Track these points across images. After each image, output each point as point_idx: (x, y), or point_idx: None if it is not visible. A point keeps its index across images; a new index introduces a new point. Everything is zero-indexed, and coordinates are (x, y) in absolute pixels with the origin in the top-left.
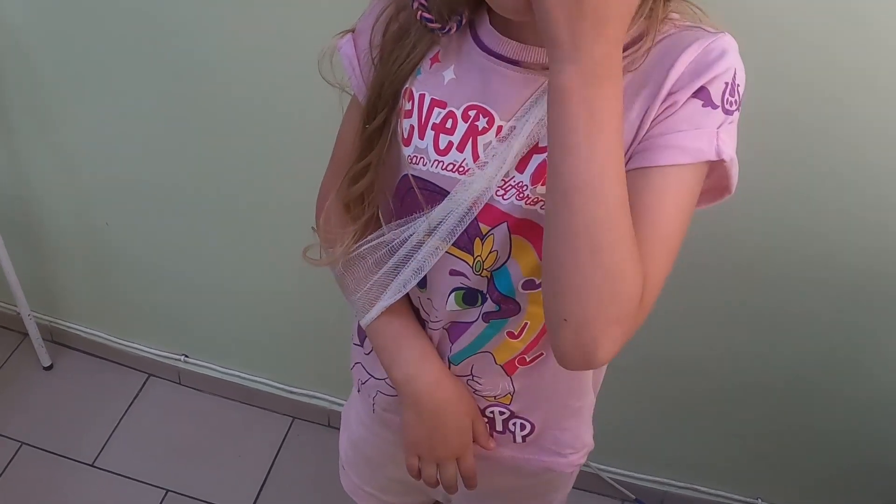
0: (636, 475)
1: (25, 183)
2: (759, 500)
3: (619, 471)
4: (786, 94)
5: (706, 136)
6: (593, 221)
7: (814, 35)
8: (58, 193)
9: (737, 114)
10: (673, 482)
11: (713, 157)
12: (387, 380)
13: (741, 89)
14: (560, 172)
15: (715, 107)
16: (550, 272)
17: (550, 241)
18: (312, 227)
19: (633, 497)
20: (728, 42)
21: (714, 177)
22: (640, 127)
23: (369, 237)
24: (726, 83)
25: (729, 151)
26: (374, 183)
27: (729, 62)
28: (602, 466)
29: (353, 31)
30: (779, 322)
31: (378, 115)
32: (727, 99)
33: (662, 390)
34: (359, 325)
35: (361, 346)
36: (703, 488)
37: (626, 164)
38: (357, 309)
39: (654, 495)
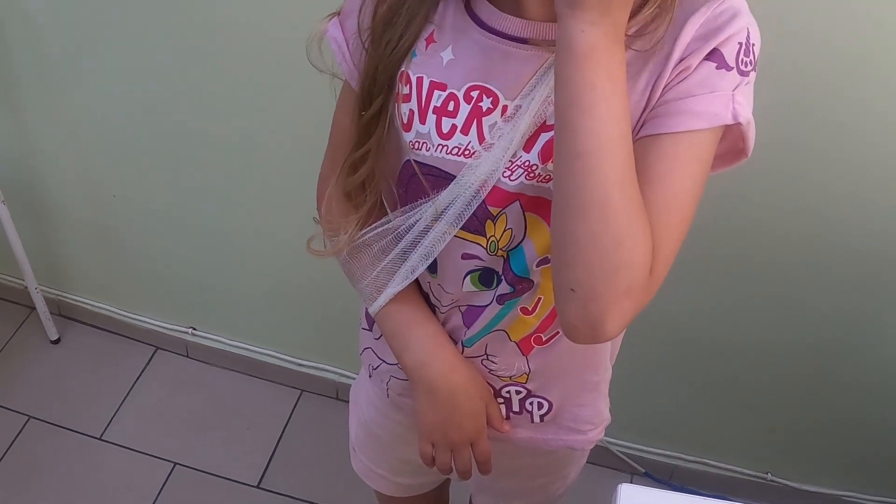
0: (646, 448)
1: (33, 156)
2: (769, 475)
3: (628, 444)
4: (803, 56)
5: (721, 99)
6: (605, 184)
7: None
8: (65, 166)
9: (753, 74)
10: (682, 456)
11: (729, 121)
12: (398, 365)
13: (756, 49)
14: (575, 134)
15: (729, 68)
16: (559, 241)
17: (560, 209)
18: (314, 218)
19: (643, 470)
20: (738, 2)
21: (730, 139)
22: (650, 96)
23: (374, 224)
24: (740, 43)
25: (745, 114)
26: (375, 170)
27: (741, 22)
28: (611, 440)
29: (338, 13)
30: (794, 296)
31: (374, 101)
32: (742, 59)
33: (673, 363)
34: (367, 310)
35: (370, 330)
36: (712, 462)
37: (638, 132)
38: (365, 296)
39: (664, 469)
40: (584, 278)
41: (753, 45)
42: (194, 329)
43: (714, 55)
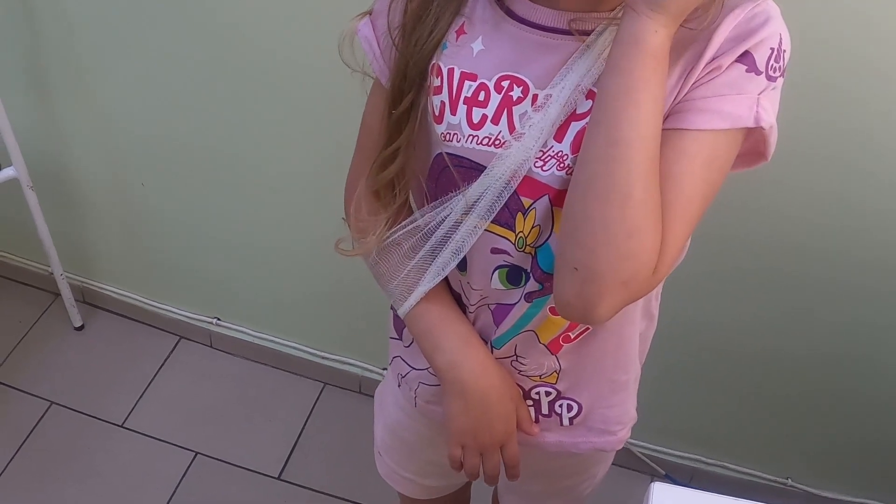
0: (666, 450)
1: (62, 142)
2: (790, 481)
3: (649, 445)
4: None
5: (747, 101)
6: (632, 175)
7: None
8: (94, 153)
9: (780, 80)
10: (703, 458)
11: (751, 124)
12: (428, 369)
13: (787, 55)
14: (618, 123)
15: (759, 73)
16: (572, 221)
17: (581, 190)
18: (342, 218)
19: (663, 472)
20: (772, 7)
21: (752, 142)
22: (680, 89)
23: (403, 222)
24: (772, 49)
25: (768, 119)
26: (405, 167)
27: (774, 27)
28: (633, 441)
29: (370, 12)
30: (818, 297)
31: (405, 98)
32: (772, 65)
33: (696, 368)
34: (395, 318)
35: (400, 339)
36: (733, 466)
37: (662, 123)
38: (395, 298)
39: (684, 471)
40: (591, 260)
41: (784, 51)
42: (218, 319)
43: (745, 58)
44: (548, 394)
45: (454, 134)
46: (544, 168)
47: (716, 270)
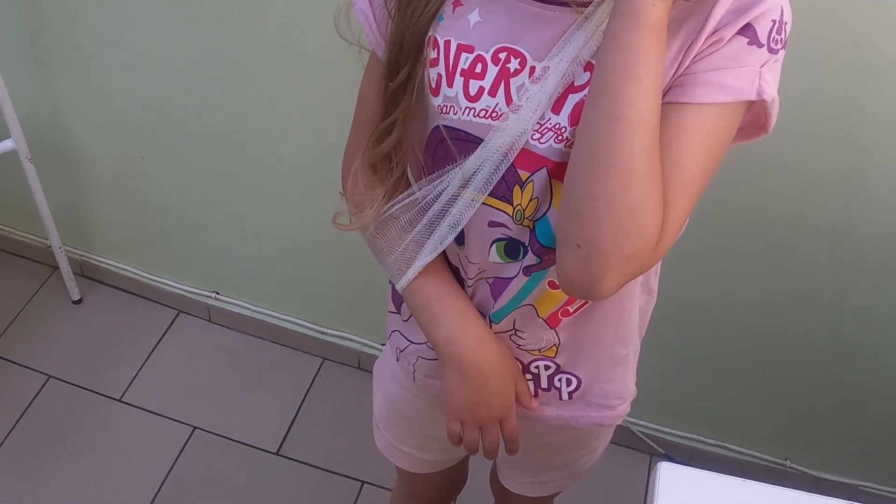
0: (666, 430)
1: (60, 114)
2: (788, 462)
3: (648, 424)
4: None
5: (748, 74)
6: (634, 151)
7: None
8: (93, 126)
9: (782, 52)
10: (702, 439)
11: (753, 97)
12: (427, 343)
13: (788, 27)
14: (618, 99)
15: (760, 45)
16: (574, 198)
17: (581, 167)
18: (339, 193)
19: (662, 452)
20: None
21: (753, 114)
22: (680, 63)
23: (400, 196)
24: (773, 21)
25: (770, 91)
26: (402, 140)
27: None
28: (632, 419)
29: None
30: (818, 275)
31: (401, 70)
32: (773, 38)
33: (697, 348)
34: (394, 292)
35: (398, 313)
36: (732, 446)
37: (663, 97)
38: (392, 272)
39: (683, 451)
40: (593, 237)
41: (786, 23)
42: (217, 293)
43: (747, 30)
44: (547, 368)
45: (451, 106)
46: (542, 140)
47: (717, 251)
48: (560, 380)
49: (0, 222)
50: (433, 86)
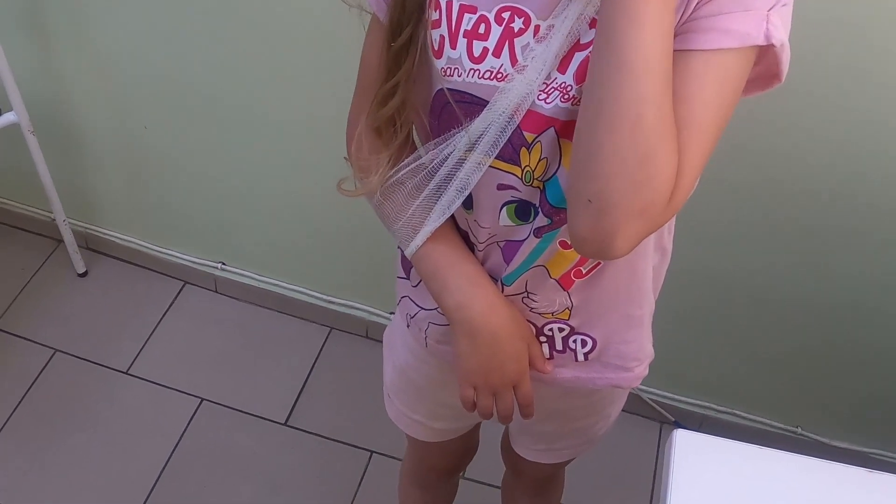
0: (676, 397)
1: (62, 86)
2: (799, 429)
3: (658, 392)
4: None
5: (755, 18)
6: (641, 99)
7: None
8: (95, 96)
9: None
10: (713, 406)
11: (761, 42)
12: (438, 309)
13: None
14: (621, 46)
15: None
16: (583, 151)
17: (589, 119)
18: (344, 157)
19: (672, 419)
20: None
21: (764, 63)
22: (684, 10)
23: (406, 161)
24: None
25: (779, 36)
26: (405, 102)
27: None
28: (642, 387)
29: None
30: (830, 242)
31: (403, 31)
32: None
33: (707, 313)
34: (402, 258)
35: (408, 278)
36: (743, 414)
37: None
38: (400, 238)
39: (694, 418)
40: (605, 190)
41: None
42: (223, 264)
43: None
44: (561, 330)
45: (455, 68)
46: (547, 101)
47: (728, 218)
48: (575, 341)
49: (4, 196)
50: (436, 48)
